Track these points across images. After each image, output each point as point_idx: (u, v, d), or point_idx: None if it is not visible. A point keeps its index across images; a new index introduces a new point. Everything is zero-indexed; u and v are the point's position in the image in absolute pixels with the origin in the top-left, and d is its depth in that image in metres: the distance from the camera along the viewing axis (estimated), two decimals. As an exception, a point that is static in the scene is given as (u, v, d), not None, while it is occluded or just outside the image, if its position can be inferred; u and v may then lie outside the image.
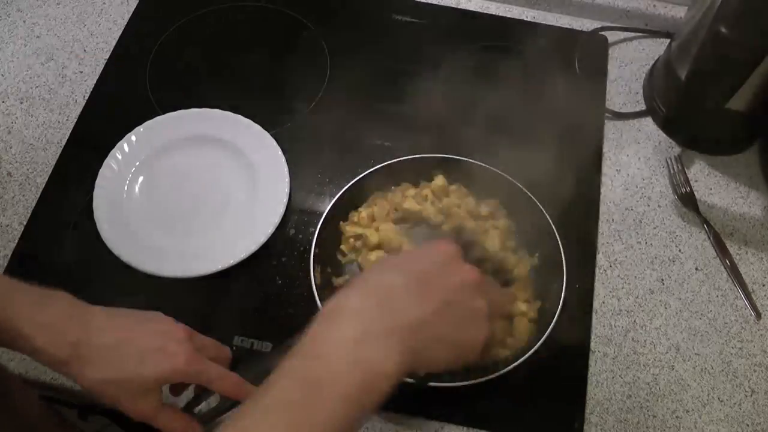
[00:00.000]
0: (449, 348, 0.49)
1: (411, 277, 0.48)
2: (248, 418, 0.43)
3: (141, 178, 0.83)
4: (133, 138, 0.85)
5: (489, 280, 0.53)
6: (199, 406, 0.62)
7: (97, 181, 0.81)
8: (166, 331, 0.59)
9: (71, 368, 0.56)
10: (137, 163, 0.84)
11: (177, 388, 0.64)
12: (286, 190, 0.81)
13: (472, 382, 0.66)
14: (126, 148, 0.84)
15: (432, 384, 0.67)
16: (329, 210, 0.76)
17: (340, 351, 0.44)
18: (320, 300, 0.71)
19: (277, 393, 0.43)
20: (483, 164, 0.79)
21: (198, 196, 0.83)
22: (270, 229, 0.78)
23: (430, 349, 0.47)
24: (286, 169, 0.83)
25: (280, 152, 0.84)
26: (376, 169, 0.79)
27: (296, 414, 0.42)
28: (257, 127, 0.86)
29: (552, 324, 0.68)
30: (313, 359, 0.44)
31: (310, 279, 0.72)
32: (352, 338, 0.44)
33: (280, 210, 0.80)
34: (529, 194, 0.75)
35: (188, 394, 0.64)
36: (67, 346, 0.55)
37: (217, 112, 0.87)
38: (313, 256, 0.73)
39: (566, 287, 0.71)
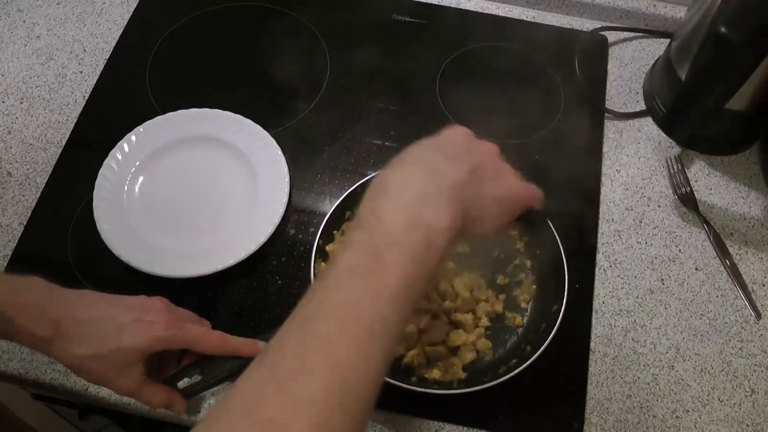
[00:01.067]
0: (493, 204, 0.53)
1: (443, 151, 0.52)
2: (322, 290, 0.45)
3: (141, 178, 0.83)
4: (133, 138, 0.85)
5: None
6: (182, 381, 0.62)
7: (97, 181, 0.81)
8: (143, 305, 0.60)
9: (54, 346, 0.57)
10: (137, 163, 0.83)
11: (162, 368, 0.64)
12: (286, 190, 0.81)
13: (475, 389, 0.66)
14: (126, 148, 0.84)
15: (433, 392, 0.67)
16: (332, 211, 0.76)
17: (396, 216, 0.47)
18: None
19: (346, 263, 0.46)
20: None
21: (198, 196, 0.83)
22: (270, 229, 0.78)
23: (476, 207, 0.51)
24: (286, 169, 0.83)
25: (280, 152, 0.84)
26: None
27: (368, 279, 0.44)
28: (257, 127, 0.86)
29: (556, 326, 0.68)
30: (373, 229, 0.47)
31: (310, 279, 0.72)
32: (405, 203, 0.47)
33: (280, 210, 0.80)
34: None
35: (171, 372, 0.64)
36: (48, 324, 0.56)
37: (217, 112, 0.87)
38: (314, 255, 0.73)
39: (567, 287, 0.71)
